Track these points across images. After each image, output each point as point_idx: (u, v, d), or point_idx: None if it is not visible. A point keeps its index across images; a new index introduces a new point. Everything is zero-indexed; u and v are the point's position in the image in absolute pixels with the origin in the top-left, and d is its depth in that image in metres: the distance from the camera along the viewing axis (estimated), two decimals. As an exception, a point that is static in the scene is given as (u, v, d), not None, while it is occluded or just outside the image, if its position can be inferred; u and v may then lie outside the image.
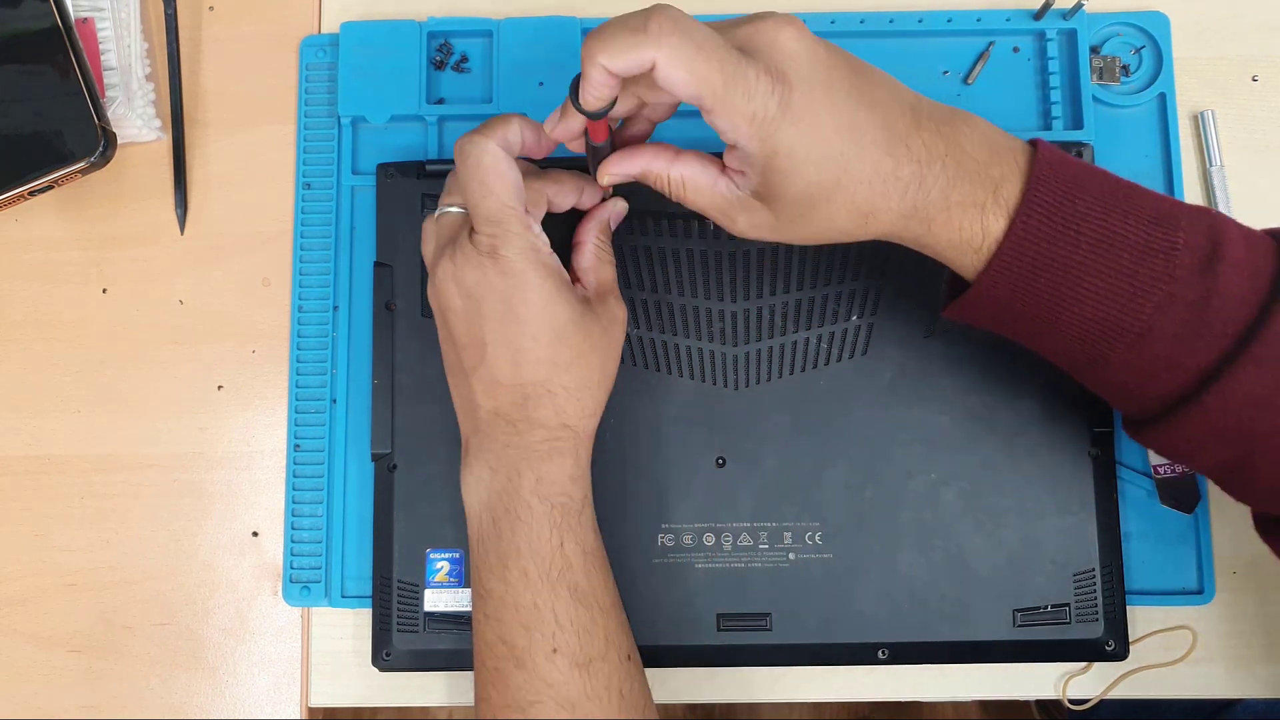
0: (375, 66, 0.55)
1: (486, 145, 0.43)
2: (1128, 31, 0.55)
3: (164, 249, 0.56)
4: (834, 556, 0.50)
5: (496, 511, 0.44)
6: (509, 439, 0.44)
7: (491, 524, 0.44)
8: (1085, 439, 0.50)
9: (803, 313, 0.52)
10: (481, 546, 0.44)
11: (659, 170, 0.44)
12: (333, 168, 0.56)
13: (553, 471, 0.44)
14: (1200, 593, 0.52)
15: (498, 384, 0.44)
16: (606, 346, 0.46)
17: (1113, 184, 0.40)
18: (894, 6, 0.56)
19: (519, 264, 0.43)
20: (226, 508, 0.54)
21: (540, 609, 0.42)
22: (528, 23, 0.56)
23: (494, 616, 0.43)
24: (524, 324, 0.43)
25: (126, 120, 0.56)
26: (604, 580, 0.45)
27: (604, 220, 0.48)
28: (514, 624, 0.43)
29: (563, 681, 0.42)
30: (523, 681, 0.42)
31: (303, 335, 0.55)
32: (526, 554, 0.43)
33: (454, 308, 0.44)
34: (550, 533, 0.43)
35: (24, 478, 0.55)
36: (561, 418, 0.44)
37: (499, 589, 0.43)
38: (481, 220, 0.43)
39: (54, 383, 0.55)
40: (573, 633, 0.42)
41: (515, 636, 0.42)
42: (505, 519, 0.43)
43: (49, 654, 0.54)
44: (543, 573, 0.43)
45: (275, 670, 0.53)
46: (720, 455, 0.51)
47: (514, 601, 0.43)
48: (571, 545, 0.44)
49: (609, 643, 0.43)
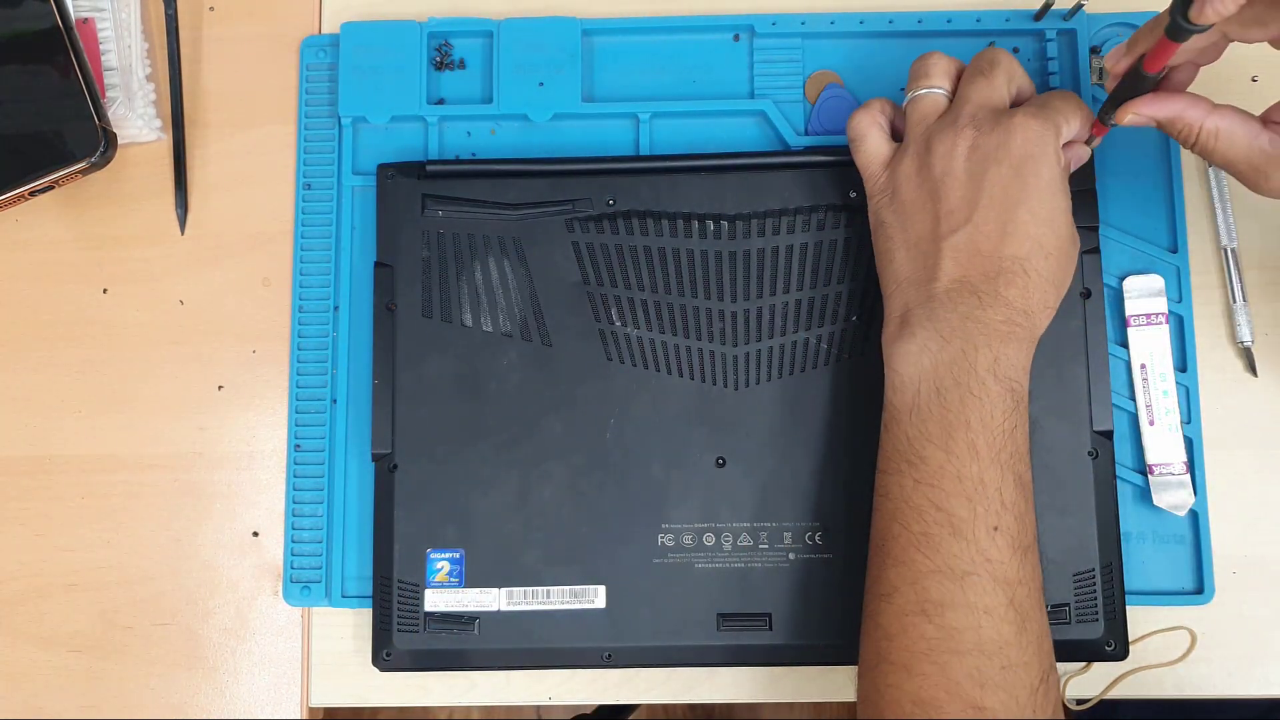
0: (375, 67, 0.55)
1: None
2: (1128, 32, 0.55)
3: (164, 249, 0.56)
4: (834, 556, 0.50)
5: (944, 381, 0.43)
6: (970, 310, 0.44)
7: (935, 393, 0.43)
8: (1085, 439, 0.50)
9: (802, 313, 0.52)
10: (917, 415, 0.44)
11: (1193, 119, 0.44)
12: (333, 168, 0.56)
13: (1010, 354, 0.44)
14: (1200, 593, 0.52)
15: (976, 251, 0.44)
16: (1075, 253, 0.46)
17: None
18: (894, 7, 0.56)
19: (1049, 140, 0.44)
20: (227, 508, 0.55)
21: (986, 485, 0.42)
22: (528, 23, 0.56)
23: (928, 483, 0.43)
24: (1027, 196, 0.44)
25: (127, 120, 0.56)
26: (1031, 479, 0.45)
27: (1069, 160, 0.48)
28: (956, 494, 0.42)
29: (1001, 560, 0.42)
30: (959, 550, 0.42)
31: (303, 335, 0.55)
32: (978, 428, 0.43)
33: (953, 171, 0.45)
34: (1004, 415, 0.43)
35: (24, 478, 0.55)
36: (1026, 301, 0.44)
37: (938, 457, 0.43)
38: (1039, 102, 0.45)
39: (54, 383, 0.55)
40: (1013, 517, 0.42)
41: (955, 506, 0.42)
42: (954, 390, 0.43)
43: (49, 654, 0.54)
44: (993, 451, 0.43)
45: (275, 670, 0.53)
46: (720, 455, 0.51)
47: (957, 472, 0.42)
48: (1020, 434, 0.44)
49: (1035, 539, 0.44)
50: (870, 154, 0.49)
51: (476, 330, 0.52)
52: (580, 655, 0.50)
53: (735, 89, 0.56)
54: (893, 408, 0.45)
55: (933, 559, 0.42)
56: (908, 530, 0.43)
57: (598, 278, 0.52)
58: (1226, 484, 0.53)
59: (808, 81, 0.56)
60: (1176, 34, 0.40)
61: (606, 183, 0.53)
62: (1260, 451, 0.53)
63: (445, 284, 0.52)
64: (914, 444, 0.44)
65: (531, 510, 0.51)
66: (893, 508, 0.44)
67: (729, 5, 0.57)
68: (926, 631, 0.42)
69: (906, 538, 0.43)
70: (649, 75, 0.57)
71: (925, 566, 0.42)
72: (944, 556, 0.42)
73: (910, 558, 0.43)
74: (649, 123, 0.55)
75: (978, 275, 0.44)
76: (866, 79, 0.56)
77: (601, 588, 0.50)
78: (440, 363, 0.52)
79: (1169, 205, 0.54)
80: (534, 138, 0.56)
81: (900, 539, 0.43)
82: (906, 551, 0.43)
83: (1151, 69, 0.43)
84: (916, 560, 0.43)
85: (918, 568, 0.42)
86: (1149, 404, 0.52)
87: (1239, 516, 0.53)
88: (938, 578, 0.42)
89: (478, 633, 0.50)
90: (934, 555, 0.42)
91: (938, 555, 0.42)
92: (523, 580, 0.51)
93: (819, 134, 0.55)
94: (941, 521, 0.42)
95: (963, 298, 0.44)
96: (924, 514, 0.43)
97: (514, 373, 0.52)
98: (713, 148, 0.55)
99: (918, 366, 0.44)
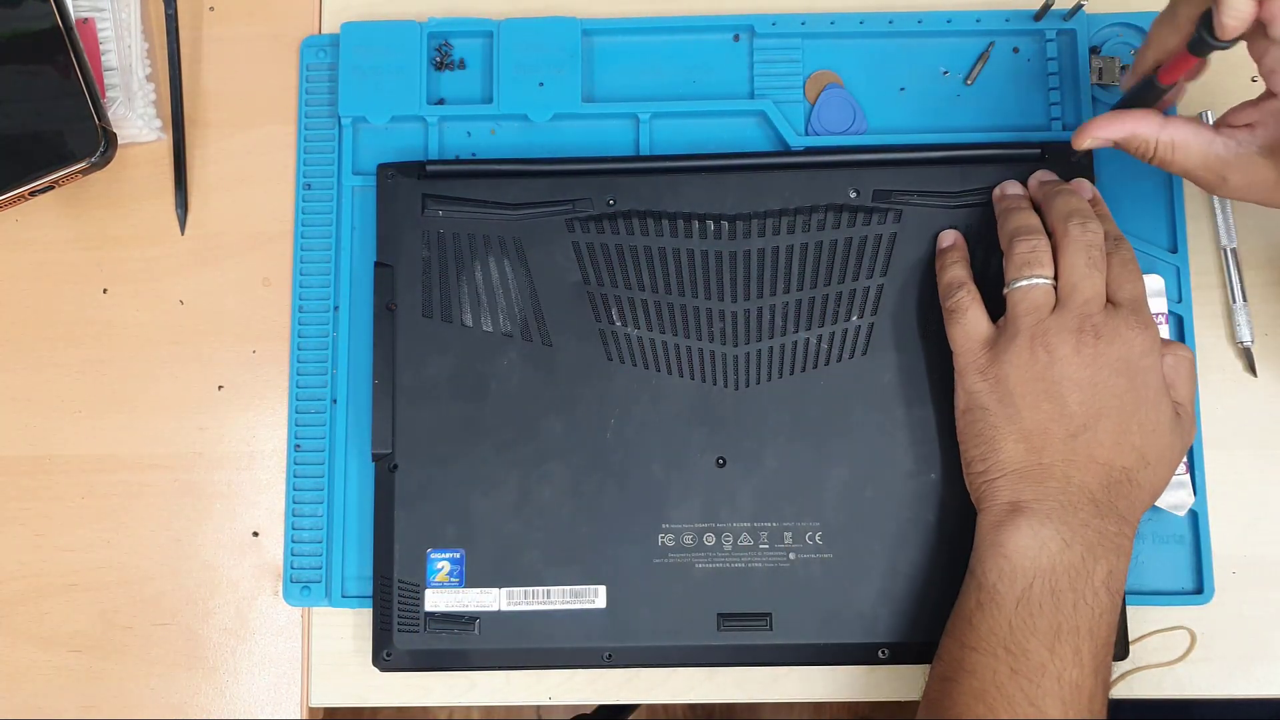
0: (375, 67, 0.55)
1: None
2: (1128, 32, 0.55)
3: (164, 249, 0.56)
4: (834, 556, 0.50)
5: (1060, 584, 0.44)
6: (1089, 519, 0.45)
7: (1050, 593, 0.44)
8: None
9: (803, 313, 0.52)
10: (1025, 607, 0.44)
11: (1147, 134, 0.46)
12: (333, 168, 0.56)
13: (1121, 567, 0.45)
14: (1200, 593, 0.52)
15: (1092, 459, 0.45)
16: (1174, 459, 0.47)
17: None
18: (894, 7, 0.56)
19: (1155, 350, 0.46)
20: (227, 508, 0.55)
21: (1081, 692, 0.43)
22: (528, 23, 0.56)
23: (1026, 676, 0.43)
24: (1138, 408, 0.45)
25: (127, 120, 0.56)
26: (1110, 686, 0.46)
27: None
28: (1053, 695, 0.43)
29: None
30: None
31: (303, 335, 0.55)
32: (1085, 637, 0.44)
33: (1082, 379, 0.45)
34: (1108, 630, 0.45)
35: (25, 478, 0.55)
36: (1134, 513, 0.46)
37: (1042, 654, 0.43)
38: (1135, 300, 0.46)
39: (54, 383, 0.55)
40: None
41: (1050, 707, 0.43)
42: (1069, 595, 0.44)
43: (49, 654, 0.54)
44: (1095, 662, 0.44)
45: (275, 670, 0.53)
46: (720, 455, 0.51)
47: (1058, 674, 0.43)
48: (1111, 644, 0.45)
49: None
50: (969, 331, 0.48)
51: (476, 330, 0.52)
52: (580, 655, 0.50)
53: (735, 89, 0.56)
54: (995, 591, 0.45)
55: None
56: (994, 714, 0.44)
57: (598, 278, 0.52)
58: (1226, 484, 0.53)
59: (808, 81, 0.56)
60: (1200, 49, 0.41)
61: (606, 183, 0.53)
62: (1260, 451, 0.53)
63: (445, 284, 0.52)
64: (1017, 634, 0.44)
65: (532, 510, 0.51)
66: (979, 688, 0.44)
67: (729, 5, 0.57)
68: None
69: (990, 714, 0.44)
70: (649, 75, 0.57)
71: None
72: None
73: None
74: (649, 123, 0.55)
75: (1095, 484, 0.45)
76: (866, 79, 0.56)
77: (602, 588, 0.50)
78: (440, 363, 0.52)
79: (1169, 205, 0.54)
80: (534, 138, 0.56)
81: (977, 711, 0.44)
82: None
83: (1167, 80, 0.43)
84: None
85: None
86: (1149, 404, 0.52)
87: (1239, 516, 0.53)
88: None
89: (478, 633, 0.50)
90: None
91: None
92: (523, 580, 0.51)
93: (819, 134, 0.55)
94: (1034, 715, 0.43)
95: (1084, 504, 0.45)
96: (1015, 705, 0.43)
97: (514, 373, 0.52)
98: (713, 148, 0.55)
99: (1035, 562, 0.45)
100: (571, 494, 0.51)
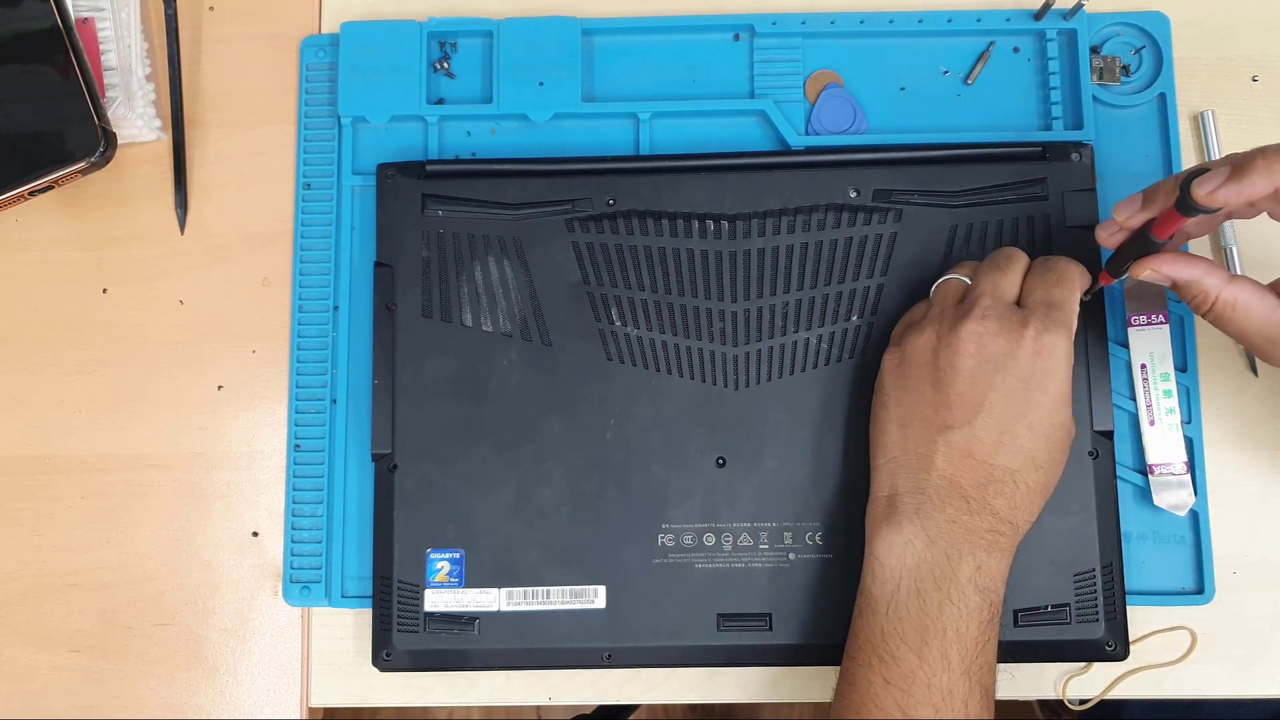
0: (375, 66, 0.55)
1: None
2: (1128, 32, 0.55)
3: (164, 249, 0.56)
4: (834, 556, 0.50)
5: (924, 584, 0.44)
6: (957, 514, 0.44)
7: (915, 594, 0.44)
8: (1085, 439, 0.50)
9: (803, 313, 0.52)
10: (894, 610, 0.44)
11: (1210, 287, 0.44)
12: (333, 168, 0.56)
13: (993, 563, 0.44)
14: (1200, 593, 0.52)
15: (969, 454, 0.44)
16: (1064, 459, 0.46)
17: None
18: (894, 6, 0.56)
19: (1059, 354, 0.44)
20: (227, 508, 0.55)
21: (954, 697, 0.43)
22: (528, 23, 0.56)
23: (898, 686, 0.43)
24: (1029, 411, 0.44)
25: (126, 120, 0.56)
26: (995, 691, 0.45)
27: None
28: (924, 702, 0.43)
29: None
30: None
31: (303, 335, 0.55)
32: (953, 639, 0.43)
33: (963, 367, 0.44)
34: (979, 628, 0.43)
35: (24, 478, 0.55)
36: (1013, 513, 0.44)
37: (911, 661, 0.43)
38: (1048, 303, 0.45)
39: (54, 383, 0.55)
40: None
41: (921, 713, 0.42)
42: (934, 595, 0.43)
43: (49, 654, 0.54)
44: (965, 664, 0.43)
45: (275, 670, 0.53)
46: (720, 455, 0.51)
47: (927, 680, 0.43)
48: (991, 647, 0.44)
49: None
50: (909, 313, 0.49)
51: (476, 330, 0.52)
52: (580, 655, 0.50)
53: (735, 89, 0.56)
54: (870, 596, 0.45)
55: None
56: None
57: (598, 278, 0.52)
58: (1226, 484, 0.53)
59: (808, 81, 0.56)
60: (1186, 210, 0.41)
61: (606, 183, 0.53)
62: (1260, 451, 0.53)
63: (445, 284, 0.52)
64: (888, 640, 0.44)
65: (531, 510, 0.51)
66: (859, 701, 0.44)
67: (729, 5, 0.57)
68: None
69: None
70: (649, 75, 0.57)
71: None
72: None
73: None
74: (649, 123, 0.55)
75: (969, 480, 0.44)
76: (867, 79, 0.56)
77: (601, 588, 0.50)
78: (440, 363, 0.52)
79: (1169, 205, 0.54)
80: (534, 138, 0.56)
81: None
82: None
83: (1159, 235, 0.43)
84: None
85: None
86: (1149, 404, 0.52)
87: (1239, 516, 0.53)
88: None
89: (478, 633, 0.50)
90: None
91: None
92: (523, 580, 0.51)
93: (819, 134, 0.55)
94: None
95: (952, 500, 0.44)
96: (889, 715, 0.43)
97: (514, 373, 0.52)
98: (713, 148, 0.55)
99: (900, 561, 0.44)
100: (571, 494, 0.51)
